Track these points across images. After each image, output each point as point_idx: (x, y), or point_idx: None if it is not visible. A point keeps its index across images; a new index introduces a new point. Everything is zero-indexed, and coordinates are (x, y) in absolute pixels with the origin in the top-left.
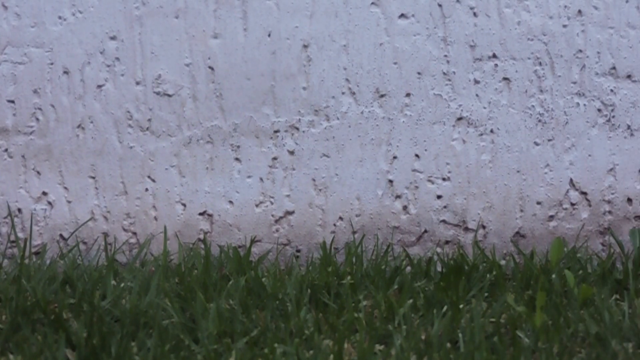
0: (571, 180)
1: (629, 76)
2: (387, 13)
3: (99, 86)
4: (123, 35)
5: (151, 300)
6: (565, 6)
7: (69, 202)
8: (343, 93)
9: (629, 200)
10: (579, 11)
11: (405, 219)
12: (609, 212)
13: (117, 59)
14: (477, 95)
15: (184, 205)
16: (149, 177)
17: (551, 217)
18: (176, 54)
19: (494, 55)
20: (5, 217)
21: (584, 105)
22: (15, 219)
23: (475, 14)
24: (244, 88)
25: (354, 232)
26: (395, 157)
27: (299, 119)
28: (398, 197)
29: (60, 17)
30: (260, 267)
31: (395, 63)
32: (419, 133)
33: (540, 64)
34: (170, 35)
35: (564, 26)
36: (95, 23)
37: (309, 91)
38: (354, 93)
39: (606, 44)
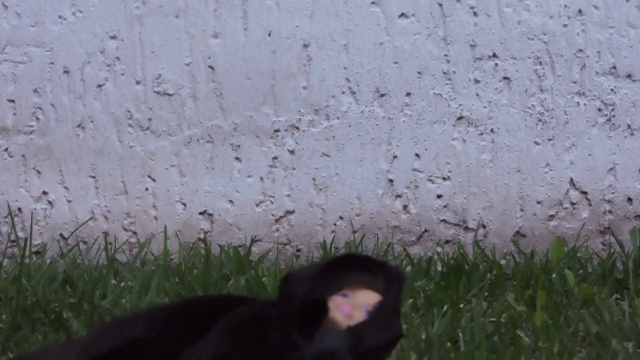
0: (571, 179)
1: (629, 75)
2: (388, 12)
3: (99, 85)
4: (123, 34)
5: (151, 300)
6: (566, 5)
7: (69, 201)
8: (343, 92)
9: (629, 199)
10: (579, 10)
11: (405, 218)
12: (609, 211)
13: (117, 58)
14: (477, 94)
15: (184, 204)
16: (149, 176)
17: (551, 217)
18: (176, 54)
19: (494, 55)
20: (5, 217)
21: (584, 104)
22: (16, 219)
23: (475, 14)
24: (244, 87)
25: (354, 232)
26: (395, 157)
27: (299, 119)
28: (398, 196)
29: (60, 17)
30: (260, 266)
31: (395, 62)
32: (419, 132)
33: (540, 63)
34: (171, 35)
35: (564, 25)
36: (95, 22)
37: (309, 90)
38: (354, 92)
39: (606, 43)
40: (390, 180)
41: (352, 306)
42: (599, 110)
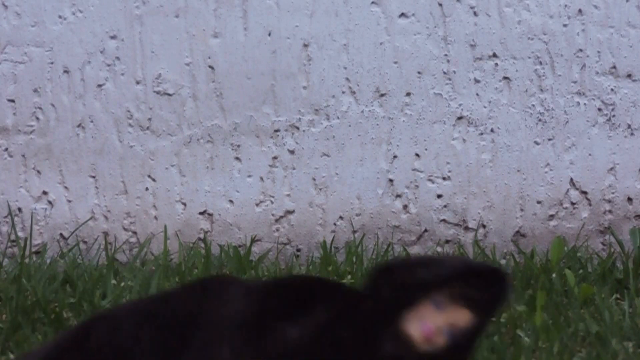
0: (571, 179)
1: (629, 75)
2: (388, 12)
3: (99, 85)
4: (123, 34)
5: None
6: (566, 5)
7: (69, 201)
8: (343, 92)
9: (629, 199)
10: (579, 10)
11: (405, 218)
12: (609, 211)
13: (118, 58)
14: (477, 94)
15: (184, 204)
16: (149, 176)
17: (551, 217)
18: (176, 53)
19: (494, 55)
20: (5, 217)
21: (584, 104)
22: (16, 218)
23: (475, 13)
24: (244, 87)
25: (354, 232)
26: (395, 157)
27: (299, 118)
28: (398, 196)
29: (60, 17)
30: (260, 266)
31: (395, 62)
32: (419, 132)
33: (540, 63)
34: (171, 35)
35: (564, 25)
36: (95, 22)
37: (309, 90)
38: (354, 92)
39: (606, 43)
40: (390, 180)
41: (436, 326)
42: (599, 110)
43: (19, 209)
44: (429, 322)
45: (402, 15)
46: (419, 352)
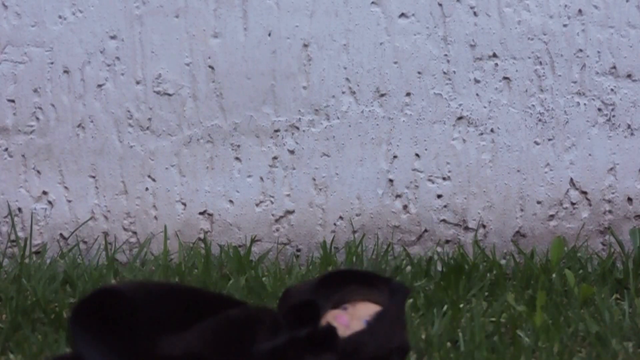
0: (571, 179)
1: (629, 75)
2: (388, 12)
3: (99, 85)
4: (123, 34)
5: None
6: (566, 5)
7: (69, 201)
8: (343, 92)
9: (629, 199)
10: (579, 10)
11: (405, 218)
12: (609, 211)
13: (118, 58)
14: (477, 94)
15: (184, 204)
16: (149, 176)
17: (551, 217)
18: (176, 54)
19: (494, 55)
20: (5, 217)
21: (584, 104)
22: (16, 218)
23: (475, 14)
24: (244, 87)
25: (354, 232)
26: (395, 157)
27: (299, 119)
28: (398, 196)
29: (60, 17)
30: (260, 266)
31: (395, 62)
32: (419, 132)
33: (540, 63)
34: (171, 35)
35: (564, 25)
36: (95, 22)
37: (309, 90)
38: (354, 92)
39: (606, 43)
40: (390, 180)
41: (351, 317)
42: (599, 110)
43: (19, 209)
44: (344, 318)
45: (402, 15)
46: (343, 337)
